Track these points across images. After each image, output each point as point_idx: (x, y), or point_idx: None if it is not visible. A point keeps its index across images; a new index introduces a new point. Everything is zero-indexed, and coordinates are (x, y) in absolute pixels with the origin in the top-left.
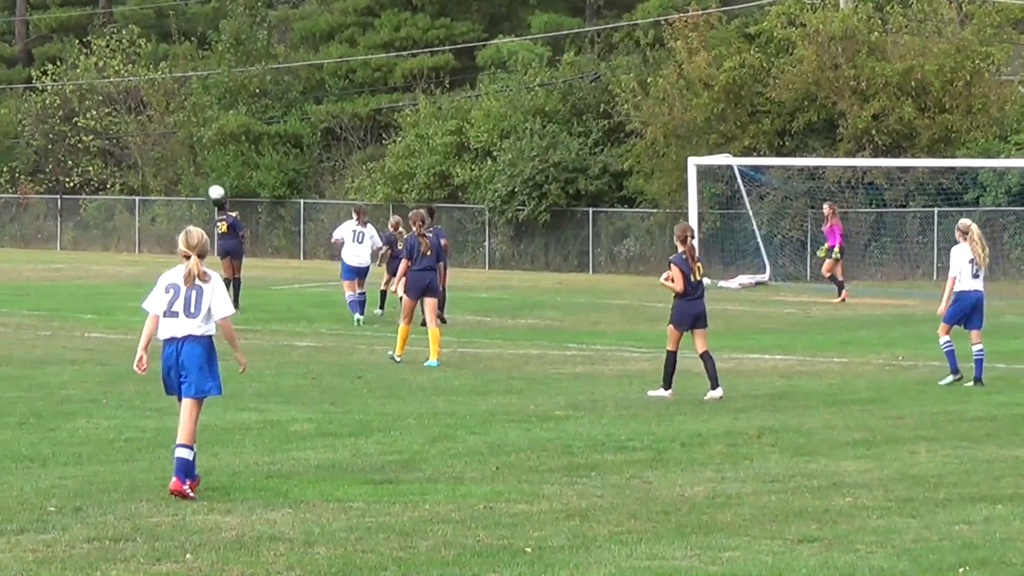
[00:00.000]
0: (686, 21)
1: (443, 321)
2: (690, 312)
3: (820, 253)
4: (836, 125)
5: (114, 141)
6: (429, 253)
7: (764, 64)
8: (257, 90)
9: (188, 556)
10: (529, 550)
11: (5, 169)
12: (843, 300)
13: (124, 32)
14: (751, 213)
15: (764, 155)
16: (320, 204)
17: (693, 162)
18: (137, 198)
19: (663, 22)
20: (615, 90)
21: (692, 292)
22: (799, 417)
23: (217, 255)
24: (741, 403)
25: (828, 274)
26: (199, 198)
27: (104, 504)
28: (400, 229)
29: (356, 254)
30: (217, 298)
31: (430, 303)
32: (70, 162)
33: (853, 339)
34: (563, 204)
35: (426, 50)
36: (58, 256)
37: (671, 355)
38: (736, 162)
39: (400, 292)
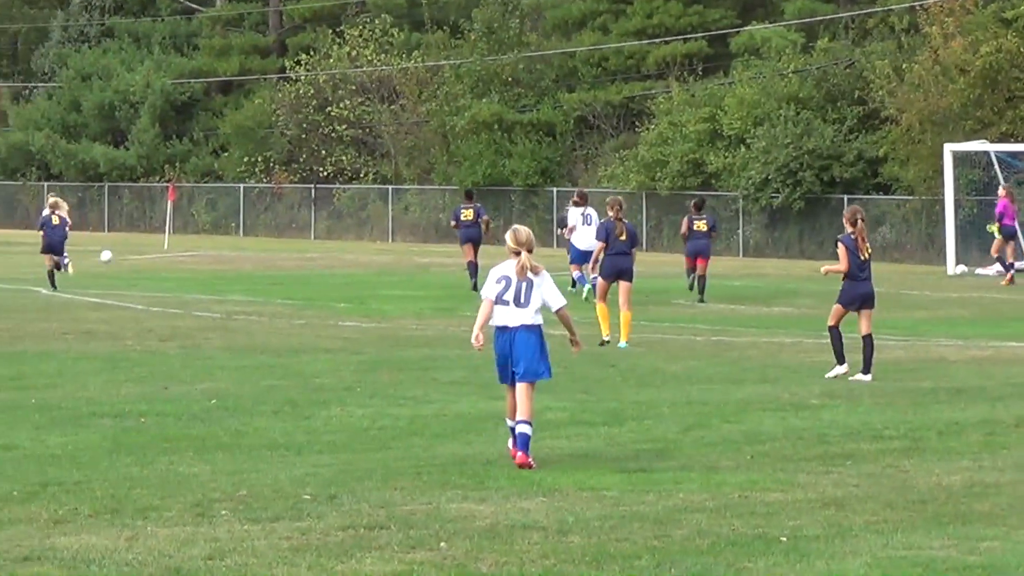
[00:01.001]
0: (941, 6)
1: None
2: (858, 292)
3: (989, 229)
4: None
5: (367, 130)
6: (624, 239)
7: (1021, 49)
8: (510, 79)
9: (442, 544)
10: (784, 539)
11: (260, 159)
12: (1009, 282)
13: (377, 21)
14: None
15: (1022, 141)
16: (573, 192)
17: (949, 148)
18: (390, 187)
19: (918, 7)
20: (870, 76)
21: (859, 273)
22: None
23: (461, 242)
24: (999, 391)
25: (995, 254)
26: (452, 187)
27: (358, 492)
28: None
29: (584, 237)
30: (549, 291)
31: (625, 287)
32: (323, 151)
33: None
34: (818, 191)
35: (679, 37)
36: (312, 245)
37: (832, 330)
38: (993, 148)
39: (595, 274)
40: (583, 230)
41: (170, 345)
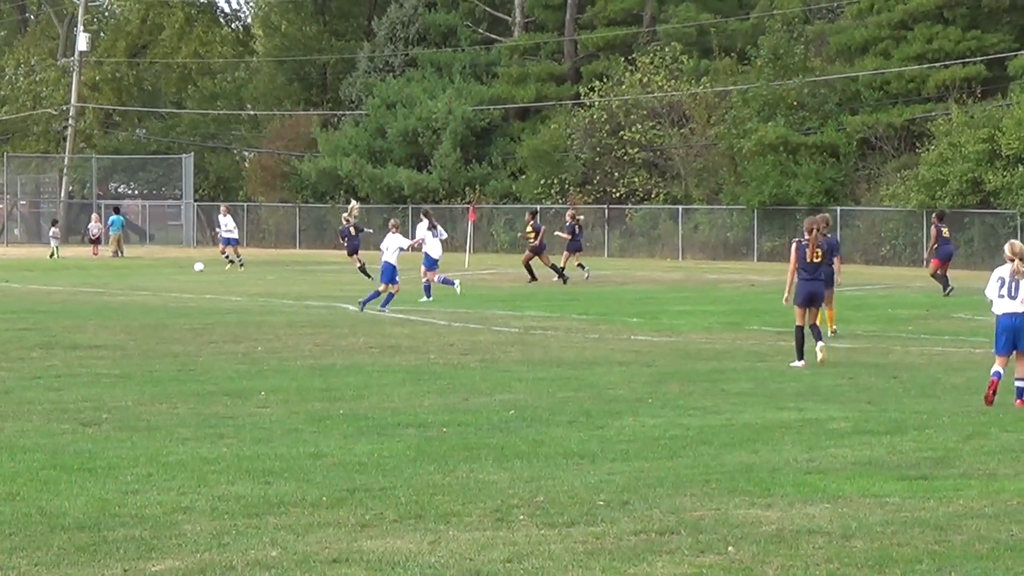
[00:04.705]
0: None
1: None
2: (805, 291)
3: None
4: None
5: (658, 153)
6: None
7: None
8: (794, 102)
9: (730, 549)
10: None
11: (555, 181)
12: None
13: (667, 49)
14: None
15: None
16: (856, 211)
17: None
18: (680, 207)
19: None
20: None
21: (809, 273)
22: None
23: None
24: None
25: None
26: (739, 206)
27: (650, 498)
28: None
29: (435, 247)
30: None
31: (828, 293)
32: (616, 173)
33: None
34: None
35: (958, 61)
36: (605, 263)
37: (798, 330)
38: None
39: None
40: (433, 242)
41: (471, 358)
